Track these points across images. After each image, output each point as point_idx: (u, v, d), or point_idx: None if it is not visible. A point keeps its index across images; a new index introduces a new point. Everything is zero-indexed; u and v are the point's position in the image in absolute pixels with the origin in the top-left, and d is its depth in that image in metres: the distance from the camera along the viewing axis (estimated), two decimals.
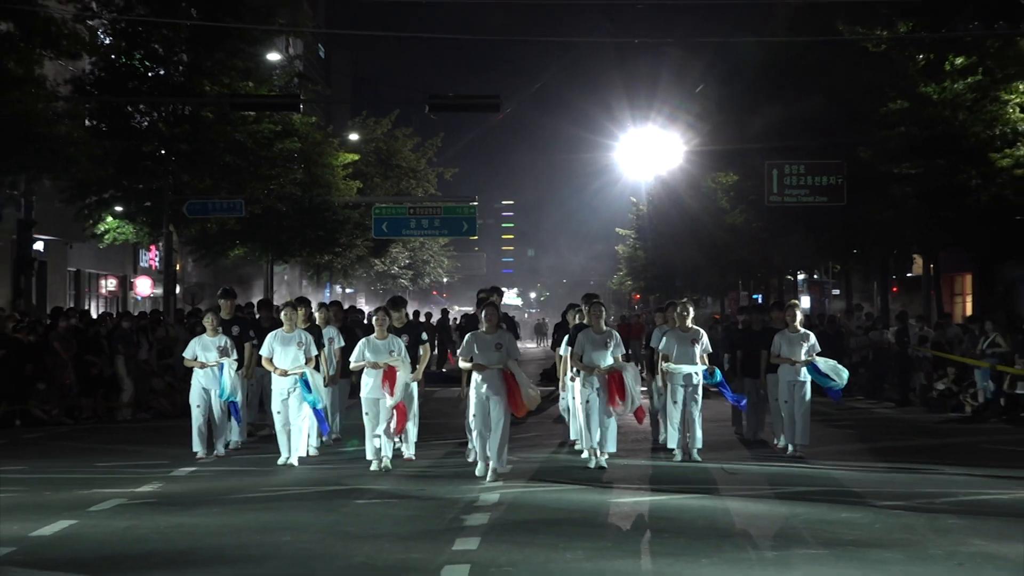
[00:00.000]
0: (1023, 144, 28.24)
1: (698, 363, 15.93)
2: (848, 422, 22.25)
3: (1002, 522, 11.59)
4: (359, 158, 49.16)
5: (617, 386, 14.77)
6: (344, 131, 56.22)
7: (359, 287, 78.09)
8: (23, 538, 10.53)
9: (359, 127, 58.22)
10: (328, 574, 9.18)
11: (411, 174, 58.83)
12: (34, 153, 26.99)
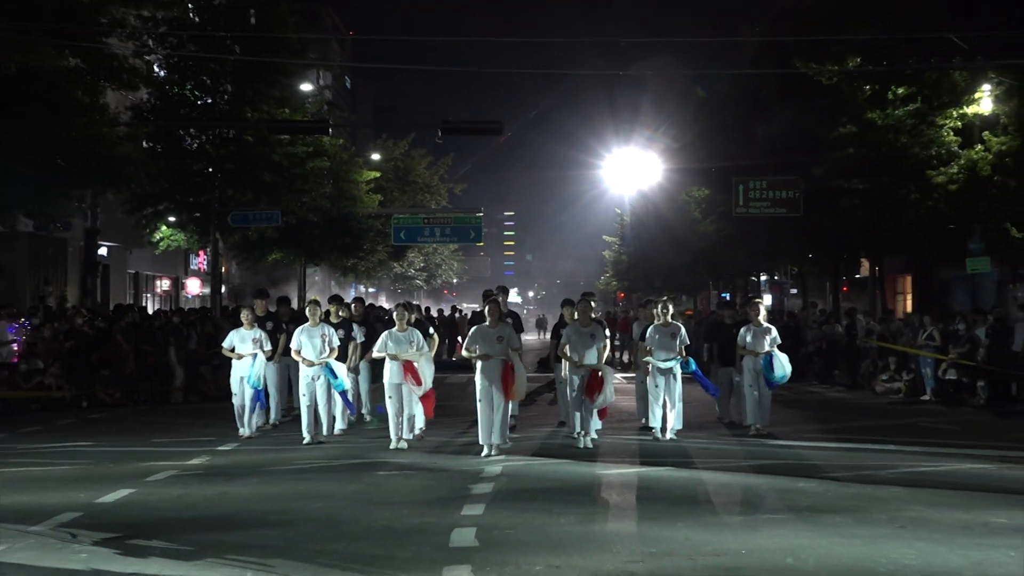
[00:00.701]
0: (956, 163, 28.28)
1: (676, 353, 15.98)
2: (805, 404, 22.28)
3: (937, 491, 11.60)
4: (380, 175, 49.17)
5: (595, 382, 14.81)
6: (367, 151, 56.25)
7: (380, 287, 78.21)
8: (89, 504, 10.57)
9: (380, 148, 58.27)
10: (353, 536, 9.18)
11: (425, 189, 58.87)
12: (99, 171, 27.00)
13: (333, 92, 57.37)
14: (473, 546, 8.74)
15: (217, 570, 7.93)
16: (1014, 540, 9.03)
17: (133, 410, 21.82)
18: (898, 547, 8.74)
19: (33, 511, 10.16)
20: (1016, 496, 11.32)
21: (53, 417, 19.93)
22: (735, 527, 9.63)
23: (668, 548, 8.74)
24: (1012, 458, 14.45)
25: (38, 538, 9.08)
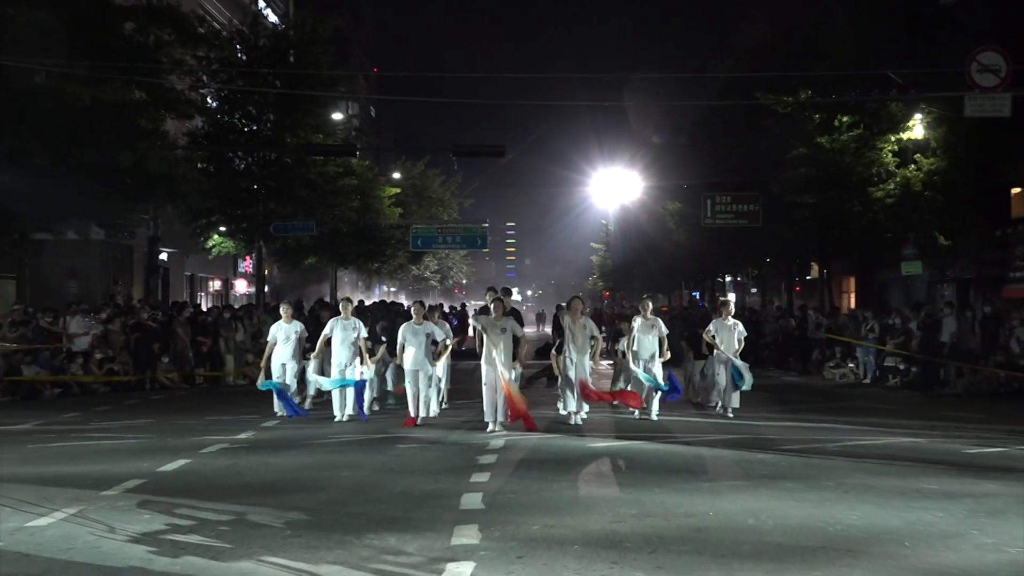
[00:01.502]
0: (892, 181, 28.30)
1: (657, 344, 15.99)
2: (763, 388, 22.24)
3: (876, 461, 11.62)
4: (400, 191, 49.30)
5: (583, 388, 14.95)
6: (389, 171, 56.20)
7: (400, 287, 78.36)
8: (152, 472, 10.57)
9: (400, 168, 58.31)
10: (377, 500, 9.18)
11: (439, 203, 58.96)
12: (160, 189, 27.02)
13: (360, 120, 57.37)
14: (480, 508, 8.74)
15: (260, 528, 7.93)
16: (943, 503, 9.03)
17: (189, 392, 21.87)
18: (843, 509, 8.74)
19: (105, 478, 10.17)
20: (944, 466, 11.34)
21: (121, 398, 19.97)
22: (704, 492, 9.62)
23: (647, 510, 8.74)
24: (940, 433, 14.50)
25: (109, 500, 9.09)
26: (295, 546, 7.38)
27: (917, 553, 7.25)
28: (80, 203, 25.22)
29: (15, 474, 10.56)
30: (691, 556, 7.11)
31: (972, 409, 18.44)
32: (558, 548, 7.30)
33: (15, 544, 7.43)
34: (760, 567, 6.79)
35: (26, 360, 20.63)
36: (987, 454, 12.41)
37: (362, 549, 7.29)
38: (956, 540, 7.67)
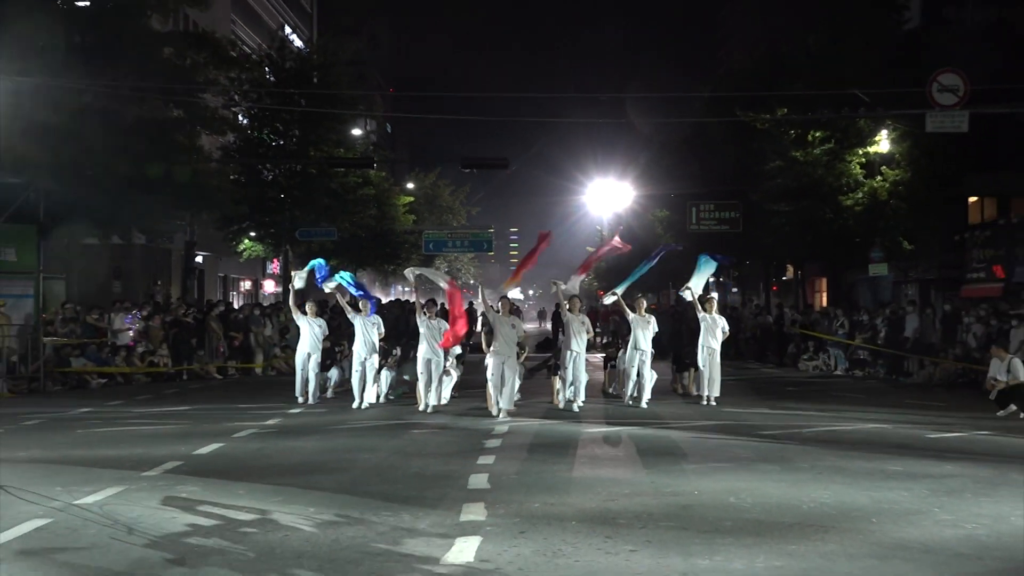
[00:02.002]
0: (860, 191, 28.32)
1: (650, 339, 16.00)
2: (743, 379, 22.29)
3: (846, 445, 11.64)
4: (413, 200, 49.33)
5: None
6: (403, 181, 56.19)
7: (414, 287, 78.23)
8: (188, 455, 10.59)
9: (413, 179, 58.30)
10: (393, 479, 9.19)
11: (448, 210, 59.01)
12: (196, 198, 27.06)
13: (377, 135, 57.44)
14: (486, 488, 8.75)
15: (287, 507, 7.94)
16: (906, 483, 9.04)
17: (223, 382, 21.87)
18: (816, 489, 8.74)
19: (145, 460, 10.18)
20: (908, 449, 11.34)
21: (161, 387, 20.00)
22: (689, 473, 9.63)
23: (638, 489, 8.75)
24: (904, 420, 14.50)
25: (150, 480, 9.11)
26: (318, 521, 7.40)
27: (883, 528, 7.26)
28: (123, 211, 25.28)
29: (65, 456, 10.60)
30: (678, 531, 7.12)
31: (933, 398, 18.43)
32: (557, 524, 7.31)
33: (65, 520, 7.44)
34: (740, 542, 6.80)
35: (75, 353, 20.66)
36: (946, 439, 12.41)
37: (379, 525, 7.30)
38: (918, 517, 7.67)
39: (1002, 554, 6.57)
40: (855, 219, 28.63)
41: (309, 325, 16.59)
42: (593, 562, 6.27)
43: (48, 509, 7.79)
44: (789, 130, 29.52)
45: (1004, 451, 11.35)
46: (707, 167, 35.84)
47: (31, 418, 14.26)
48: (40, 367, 19.55)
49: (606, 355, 18.99)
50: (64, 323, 21.37)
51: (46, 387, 19.18)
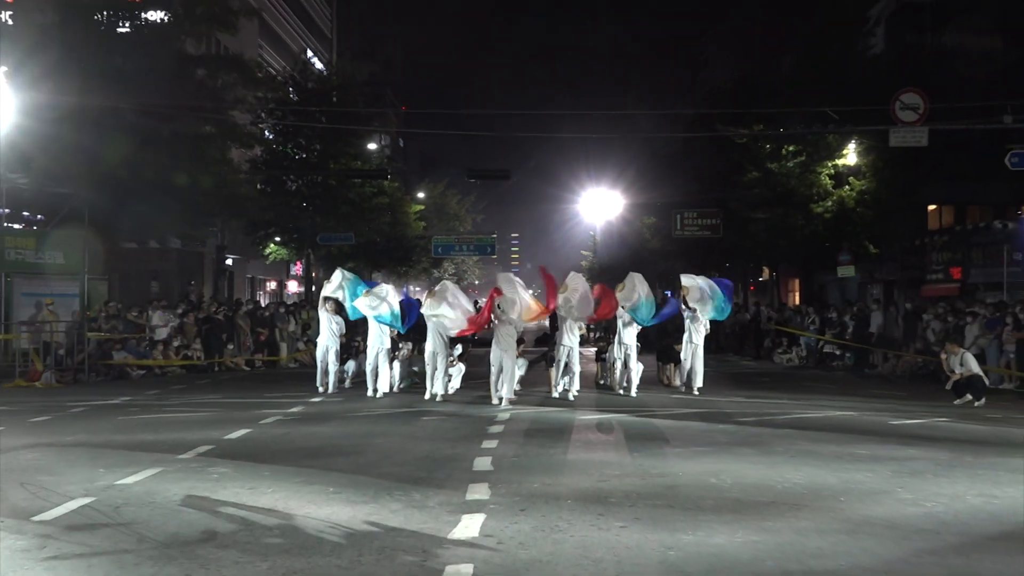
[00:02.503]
0: (830, 199, 28.35)
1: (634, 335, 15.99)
2: (723, 371, 22.29)
3: (817, 430, 11.62)
4: (424, 208, 49.38)
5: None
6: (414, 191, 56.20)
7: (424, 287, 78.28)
8: (219, 440, 10.58)
9: (424, 189, 58.29)
10: (405, 462, 9.19)
11: (455, 218, 58.98)
12: (226, 206, 27.11)
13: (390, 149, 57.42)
14: (489, 470, 8.75)
15: (308, 487, 7.94)
16: (872, 465, 9.04)
17: (250, 374, 21.87)
18: (790, 470, 8.74)
19: (180, 444, 10.18)
20: (873, 434, 11.33)
21: (194, 379, 20.00)
22: (674, 456, 9.62)
23: (627, 471, 8.74)
24: (870, 408, 14.49)
25: (184, 463, 9.11)
26: (337, 500, 7.40)
27: (850, 506, 7.26)
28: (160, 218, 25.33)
29: (107, 441, 10.60)
30: (663, 509, 7.12)
31: (896, 388, 18.45)
32: (554, 502, 7.31)
33: (107, 498, 7.45)
34: (721, 519, 6.79)
35: (116, 347, 20.67)
36: (908, 425, 12.41)
37: (392, 502, 7.30)
38: (882, 496, 7.67)
39: (959, 529, 6.58)
40: (825, 225, 28.69)
41: (328, 321, 16.61)
42: (587, 537, 6.27)
43: (92, 488, 7.79)
44: (765, 144, 29.56)
45: (960, 436, 11.34)
46: (690, 178, 35.85)
47: (77, 406, 14.27)
48: (85, 359, 19.57)
49: (597, 349, 18.96)
50: (107, 320, 21.40)
51: (90, 378, 19.19)
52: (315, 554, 5.84)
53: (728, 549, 5.98)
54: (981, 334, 19.03)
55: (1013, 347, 18.35)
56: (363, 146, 38.65)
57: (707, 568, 5.56)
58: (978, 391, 15.25)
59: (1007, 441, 11.03)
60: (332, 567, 5.56)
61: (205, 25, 25.67)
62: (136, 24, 24.49)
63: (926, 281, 31.07)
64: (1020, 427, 12.39)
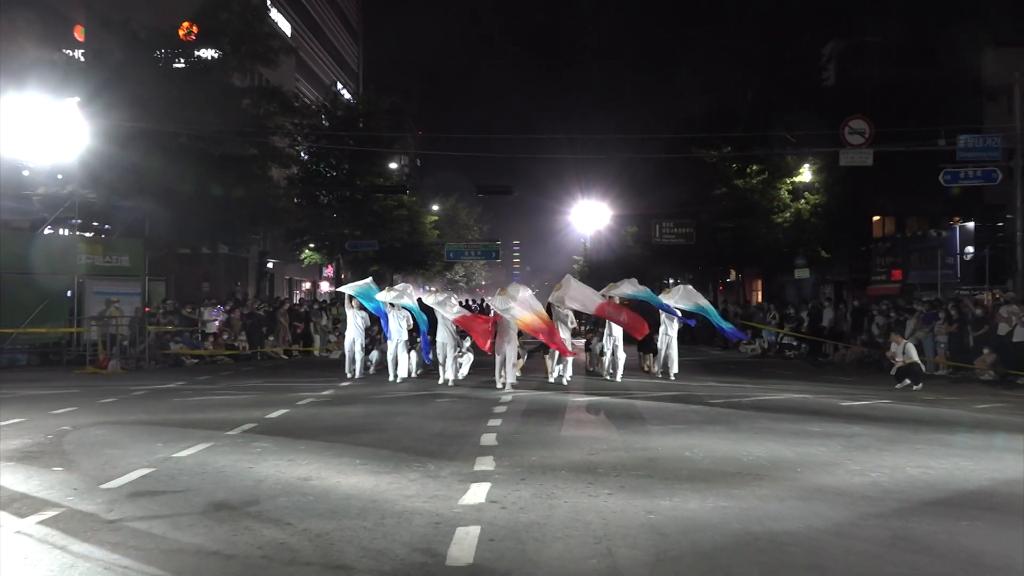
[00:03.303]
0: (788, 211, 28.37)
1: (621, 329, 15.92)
2: (696, 360, 22.26)
3: (777, 411, 11.61)
4: (437, 219, 49.42)
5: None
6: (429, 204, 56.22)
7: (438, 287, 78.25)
8: (261, 419, 10.58)
9: (438, 202, 58.31)
10: (421, 438, 9.18)
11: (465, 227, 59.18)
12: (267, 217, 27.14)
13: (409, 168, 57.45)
14: (494, 444, 8.74)
15: (338, 459, 7.94)
16: (824, 441, 9.02)
17: (287, 362, 21.87)
18: (753, 445, 8.73)
19: (227, 422, 10.18)
20: (825, 414, 11.32)
21: (240, 366, 20.01)
22: (654, 433, 9.61)
23: (613, 446, 8.74)
24: (822, 391, 14.48)
25: (231, 438, 9.11)
26: (362, 471, 7.40)
27: (805, 476, 7.25)
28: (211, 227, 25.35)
29: (165, 419, 10.61)
30: (645, 479, 7.11)
31: (844, 374, 18.42)
32: (550, 473, 7.30)
33: (165, 469, 7.45)
34: (694, 487, 6.79)
35: (173, 339, 20.70)
36: (856, 406, 12.39)
37: (410, 472, 7.29)
38: (833, 467, 7.66)
39: (899, 495, 6.57)
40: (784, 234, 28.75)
41: (354, 316, 16.60)
42: (578, 503, 6.26)
43: (152, 460, 7.80)
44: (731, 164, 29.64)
45: (900, 416, 11.33)
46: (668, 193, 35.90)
47: (138, 389, 14.29)
48: (145, 350, 19.59)
49: (587, 340, 18.95)
50: (164, 315, 21.41)
51: (150, 365, 19.21)
52: (344, 517, 5.83)
53: (700, 513, 5.97)
54: (918, 328, 19.01)
55: (945, 339, 18.34)
56: (385, 165, 38.74)
57: (682, 529, 5.55)
58: (916, 377, 15.25)
59: (941, 420, 11.02)
60: (358, 528, 5.56)
61: (250, 61, 25.71)
62: (190, 61, 24.53)
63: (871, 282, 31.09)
64: (952, 408, 12.39)
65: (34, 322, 19.45)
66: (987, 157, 21.01)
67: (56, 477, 7.13)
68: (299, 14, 57.90)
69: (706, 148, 29.29)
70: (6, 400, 12.58)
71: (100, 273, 21.61)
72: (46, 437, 9.12)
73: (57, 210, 22.24)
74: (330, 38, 68.04)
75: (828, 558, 4.98)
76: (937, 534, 5.49)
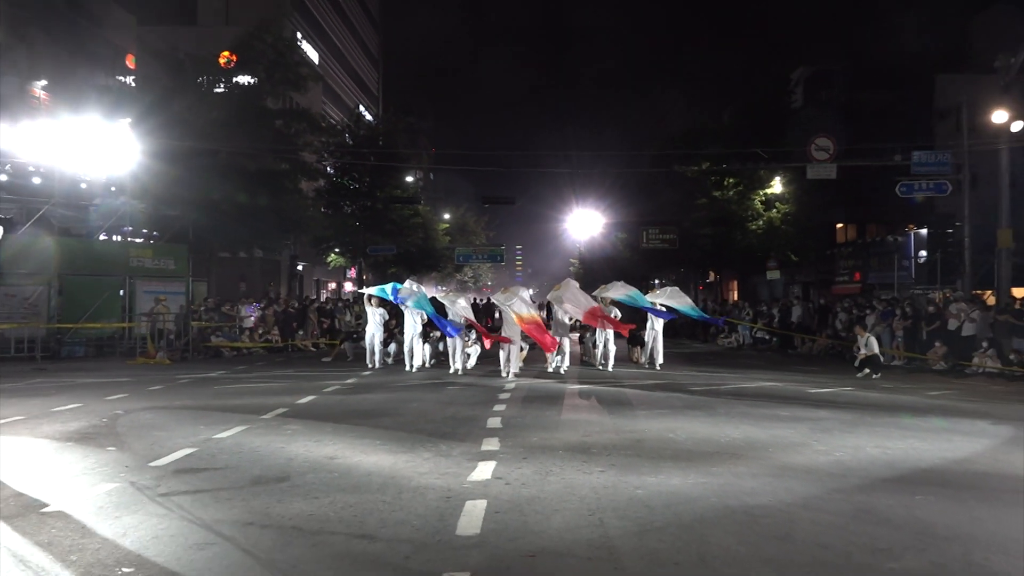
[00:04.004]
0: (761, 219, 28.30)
1: None
2: (679, 352, 22.20)
3: (752, 398, 11.58)
4: (449, 226, 49.38)
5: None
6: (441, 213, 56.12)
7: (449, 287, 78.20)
8: (292, 404, 10.58)
9: (449, 211, 58.25)
10: (434, 421, 9.17)
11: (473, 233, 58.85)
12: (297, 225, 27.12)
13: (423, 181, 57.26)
14: (499, 427, 8.73)
15: (360, 440, 7.94)
16: (793, 424, 9.00)
17: (316, 354, 21.85)
18: (730, 428, 8.71)
19: (261, 407, 10.18)
20: (794, 400, 11.29)
21: (273, 357, 19.99)
22: (640, 417, 9.59)
23: (604, 428, 8.72)
24: (791, 380, 14.44)
25: (265, 422, 9.10)
26: (382, 450, 7.39)
27: (776, 456, 7.23)
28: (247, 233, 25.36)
29: (206, 404, 10.61)
30: (633, 457, 7.10)
31: (811, 364, 18.37)
32: (549, 452, 7.29)
33: (206, 449, 7.45)
34: (677, 465, 6.77)
35: (214, 333, 20.70)
36: (821, 393, 12.36)
37: (424, 451, 7.29)
38: (801, 447, 7.64)
39: (861, 472, 6.55)
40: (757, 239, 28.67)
41: (372, 313, 16.58)
42: (574, 479, 6.25)
43: (194, 441, 7.80)
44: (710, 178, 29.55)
45: (861, 402, 11.30)
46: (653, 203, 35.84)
47: (183, 378, 14.30)
48: (189, 342, 19.60)
49: (580, 334, 18.90)
50: (206, 312, 21.42)
51: (193, 356, 19.22)
52: (365, 492, 5.83)
53: (682, 488, 5.96)
54: (877, 323, 18.96)
55: (901, 333, 18.30)
56: (402, 179, 38.69)
57: (666, 503, 5.54)
58: (876, 367, 15.21)
59: (897, 406, 10.99)
60: (378, 502, 5.55)
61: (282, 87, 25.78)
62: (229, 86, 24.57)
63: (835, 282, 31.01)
64: (907, 395, 12.36)
65: (91, 318, 19.50)
66: (938, 171, 20.99)
67: (110, 456, 7.14)
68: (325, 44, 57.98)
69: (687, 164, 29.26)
70: (66, 387, 12.60)
71: (149, 274, 21.64)
72: (101, 420, 9.14)
73: (111, 219, 22.33)
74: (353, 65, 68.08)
75: (797, 528, 4.97)
76: (894, 507, 5.48)
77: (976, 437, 8.35)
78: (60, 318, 19.10)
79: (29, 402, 10.78)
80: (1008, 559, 4.47)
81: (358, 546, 4.63)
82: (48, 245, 19.92)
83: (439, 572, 4.18)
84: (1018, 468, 6.84)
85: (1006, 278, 19.30)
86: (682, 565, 4.31)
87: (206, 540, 4.72)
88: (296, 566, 4.30)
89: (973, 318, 16.81)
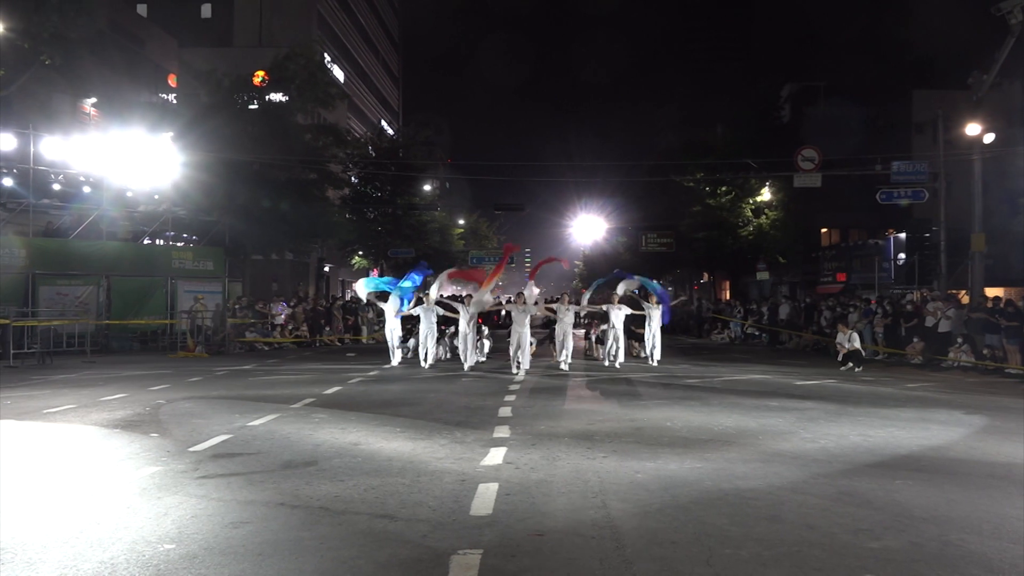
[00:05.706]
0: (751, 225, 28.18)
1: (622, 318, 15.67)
2: (675, 347, 22.12)
3: (743, 389, 11.51)
4: (463, 231, 49.38)
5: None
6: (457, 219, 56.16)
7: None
8: (319, 394, 10.60)
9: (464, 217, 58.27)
10: (450, 410, 9.17)
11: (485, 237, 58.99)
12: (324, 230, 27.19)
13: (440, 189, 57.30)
14: (510, 416, 8.72)
15: (382, 427, 7.94)
16: (781, 414, 8.94)
17: (341, 348, 21.91)
18: (723, 417, 8.66)
19: (291, 398, 10.21)
20: (782, 391, 11.22)
21: (302, 352, 20.06)
22: (639, 406, 9.56)
23: (606, 417, 8.70)
24: (780, 372, 14.36)
25: (295, 410, 9.13)
26: (401, 437, 7.40)
27: (766, 443, 7.18)
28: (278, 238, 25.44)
29: (240, 394, 10.66)
30: (632, 444, 7.07)
31: (798, 359, 18.26)
32: (556, 439, 7.28)
33: (241, 435, 7.48)
34: (674, 451, 6.74)
35: (249, 329, 20.78)
36: (808, 385, 12.29)
37: (440, 438, 7.28)
38: (789, 435, 7.59)
39: (844, 458, 6.50)
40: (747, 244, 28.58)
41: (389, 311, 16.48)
42: (579, 464, 6.23)
43: (230, 428, 7.83)
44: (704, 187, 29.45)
45: (844, 393, 11.22)
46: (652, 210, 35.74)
47: (219, 370, 14.37)
48: (225, 337, 19.70)
49: (586, 329, 18.85)
50: (241, 310, 21.51)
51: (229, 350, 19.31)
52: (386, 475, 5.83)
53: (678, 473, 5.93)
54: (859, 320, 18.84)
55: (882, 330, 18.17)
56: (421, 187, 38.77)
57: (663, 486, 5.51)
58: (858, 361, 15.10)
59: (878, 397, 10.90)
60: (398, 484, 5.55)
61: (311, 104, 25.83)
62: (263, 103, 24.65)
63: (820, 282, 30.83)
64: (887, 387, 12.26)
65: (136, 315, 19.62)
66: (916, 180, 20.87)
67: (153, 442, 7.17)
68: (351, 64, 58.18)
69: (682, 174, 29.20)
70: (112, 379, 12.69)
71: (189, 275, 21.78)
72: (144, 409, 9.19)
73: (154, 224, 22.49)
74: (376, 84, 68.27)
75: (785, 510, 4.94)
76: (875, 491, 5.43)
77: (951, 426, 8.28)
78: (108, 315, 19.23)
79: (80, 392, 10.86)
80: (981, 539, 4.43)
81: (379, 525, 4.63)
82: (97, 248, 20.08)
83: (454, 549, 4.18)
84: (990, 455, 6.77)
85: (979, 279, 19.16)
86: (679, 544, 4.28)
87: (240, 519, 4.73)
88: (323, 543, 4.31)
89: (949, 316, 16.67)
